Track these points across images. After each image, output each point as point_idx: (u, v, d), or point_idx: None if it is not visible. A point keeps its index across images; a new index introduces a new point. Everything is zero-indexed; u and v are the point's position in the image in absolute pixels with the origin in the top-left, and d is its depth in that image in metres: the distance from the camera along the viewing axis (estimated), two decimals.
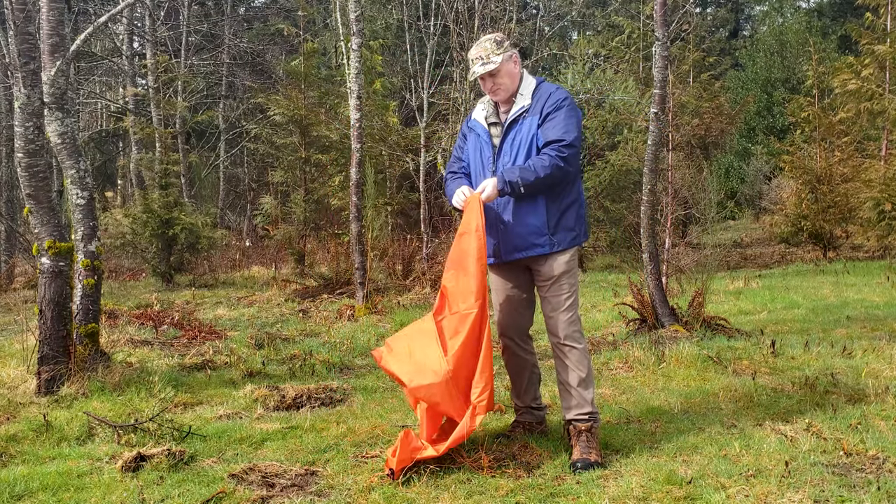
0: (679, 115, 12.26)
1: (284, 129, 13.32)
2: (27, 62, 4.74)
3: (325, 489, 3.24)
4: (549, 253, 3.67)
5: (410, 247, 10.54)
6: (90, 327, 5.05)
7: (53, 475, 3.37)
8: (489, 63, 3.66)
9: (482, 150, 3.78)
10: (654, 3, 6.70)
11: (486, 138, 3.77)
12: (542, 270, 3.72)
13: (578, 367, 3.66)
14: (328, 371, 5.54)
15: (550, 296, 3.71)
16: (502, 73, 3.69)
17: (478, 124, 3.83)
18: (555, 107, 3.65)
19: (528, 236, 3.65)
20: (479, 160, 3.79)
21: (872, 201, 12.28)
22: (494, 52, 3.68)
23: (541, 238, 3.65)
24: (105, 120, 23.82)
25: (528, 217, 3.64)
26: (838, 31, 24.42)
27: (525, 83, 3.77)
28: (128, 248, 12.29)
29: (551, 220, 3.66)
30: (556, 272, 3.69)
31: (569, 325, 3.69)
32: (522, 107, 3.70)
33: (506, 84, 3.71)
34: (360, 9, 8.34)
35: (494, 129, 3.78)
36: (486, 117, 3.81)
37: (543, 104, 3.67)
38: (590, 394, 3.66)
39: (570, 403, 3.66)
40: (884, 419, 3.95)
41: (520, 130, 3.68)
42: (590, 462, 3.41)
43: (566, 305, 3.70)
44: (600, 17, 22.09)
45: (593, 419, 3.62)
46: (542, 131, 3.63)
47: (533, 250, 3.66)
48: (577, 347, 3.68)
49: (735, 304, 8.22)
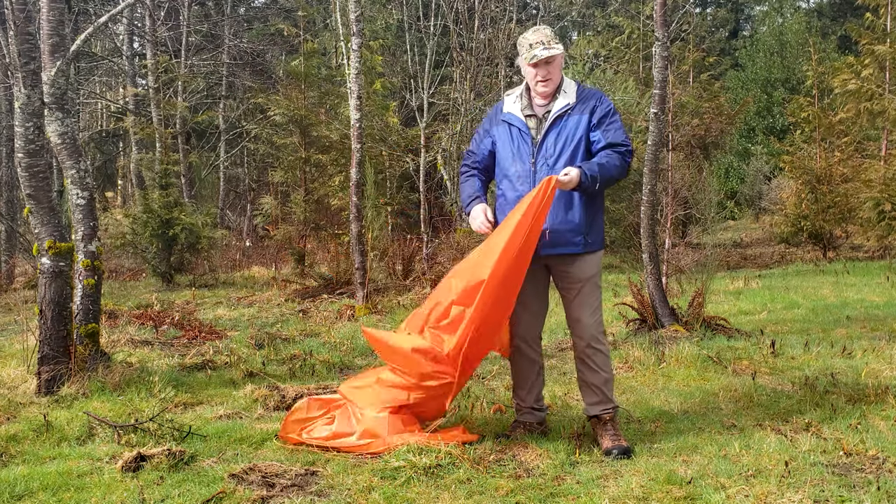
0: (679, 115, 12.27)
1: (284, 130, 13.31)
2: (27, 62, 4.74)
3: (325, 489, 3.24)
4: (582, 253, 3.68)
5: (410, 247, 10.54)
6: (90, 327, 5.05)
7: (53, 475, 3.36)
8: (552, 48, 3.64)
9: (519, 143, 3.74)
10: (654, 4, 6.70)
11: (525, 130, 3.74)
12: (572, 271, 3.72)
13: (603, 369, 3.76)
14: (328, 371, 5.54)
15: (579, 298, 3.72)
16: (558, 62, 3.71)
17: (514, 116, 3.78)
18: (610, 111, 3.69)
19: (566, 233, 3.66)
20: (512, 152, 3.75)
21: (872, 201, 12.27)
22: (554, 40, 3.68)
23: (577, 237, 3.66)
24: (105, 120, 23.83)
25: (568, 214, 3.65)
26: (838, 32, 24.44)
27: (566, 80, 3.78)
28: (128, 248, 12.28)
29: (588, 219, 3.68)
30: (588, 274, 3.71)
31: (596, 328, 3.75)
32: (567, 104, 3.70)
33: (556, 76, 3.71)
34: (360, 9, 8.34)
35: (530, 121, 3.76)
36: (522, 109, 3.78)
37: (593, 106, 3.68)
38: (611, 390, 3.80)
39: (594, 400, 3.78)
40: (884, 419, 3.95)
41: (565, 126, 3.68)
42: (624, 447, 3.57)
43: (594, 308, 3.75)
44: (600, 18, 22.10)
45: (615, 410, 3.79)
46: (601, 134, 3.65)
47: (567, 248, 3.67)
48: (602, 350, 3.78)
49: (735, 304, 8.22)
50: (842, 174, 13.55)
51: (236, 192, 21.63)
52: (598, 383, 3.75)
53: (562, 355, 5.87)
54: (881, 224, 12.21)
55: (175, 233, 11.54)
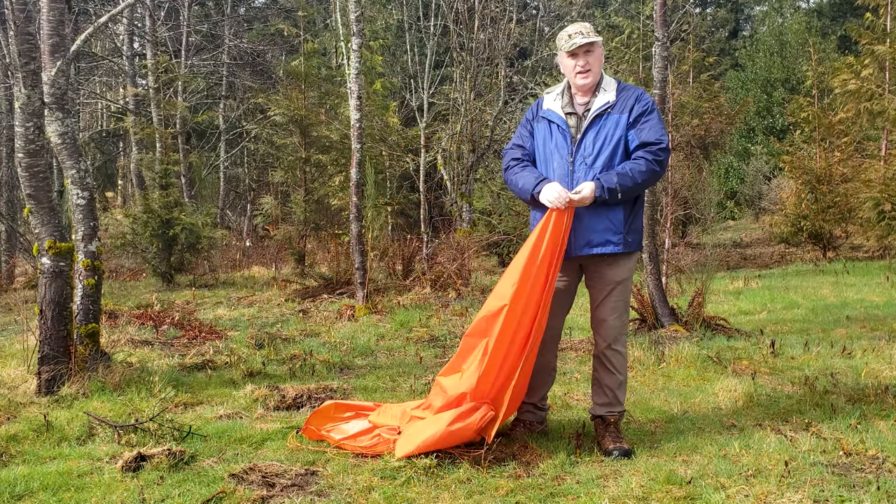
0: (679, 115, 12.27)
1: (284, 130, 13.32)
2: (27, 62, 4.74)
3: (325, 489, 3.24)
4: (620, 253, 3.65)
5: (410, 247, 10.54)
6: (90, 327, 5.05)
7: (54, 475, 3.36)
8: (591, 37, 3.62)
9: (558, 141, 3.71)
10: (654, 4, 6.70)
11: (564, 128, 3.70)
12: (606, 272, 3.69)
13: (619, 371, 3.77)
14: (328, 371, 5.54)
15: (610, 300, 3.70)
16: (598, 52, 3.68)
17: (554, 114, 3.75)
18: (647, 109, 3.64)
19: (604, 232, 3.61)
20: (551, 150, 3.72)
21: (872, 201, 12.28)
22: (593, 32, 3.67)
23: (615, 236, 3.62)
24: (105, 120, 23.83)
25: (607, 213, 3.60)
26: (838, 32, 24.44)
27: (606, 78, 3.75)
28: (128, 248, 12.28)
29: (627, 219, 3.64)
30: (623, 275, 3.69)
31: (620, 330, 3.75)
32: (608, 102, 3.67)
33: (596, 68, 3.68)
34: (360, 9, 8.34)
35: (571, 119, 3.73)
36: (563, 107, 3.76)
37: (632, 104, 3.65)
38: (623, 393, 3.80)
39: (603, 401, 3.78)
40: (884, 419, 3.95)
41: (605, 125, 3.64)
42: (626, 449, 3.57)
43: (622, 310, 3.74)
44: (600, 18, 22.08)
45: (621, 414, 3.78)
46: (636, 133, 3.61)
47: (606, 247, 3.62)
48: (622, 352, 3.78)
49: (735, 304, 8.23)
50: (842, 174, 13.56)
51: (236, 192, 21.63)
52: (612, 385, 3.76)
53: (562, 355, 5.87)
54: (881, 224, 12.21)
55: (175, 233, 11.54)
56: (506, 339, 3.54)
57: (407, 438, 3.53)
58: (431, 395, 3.75)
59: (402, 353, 6.20)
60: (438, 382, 3.70)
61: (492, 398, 3.58)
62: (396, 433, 3.66)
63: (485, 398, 3.56)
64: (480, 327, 3.63)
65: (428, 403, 3.71)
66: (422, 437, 3.46)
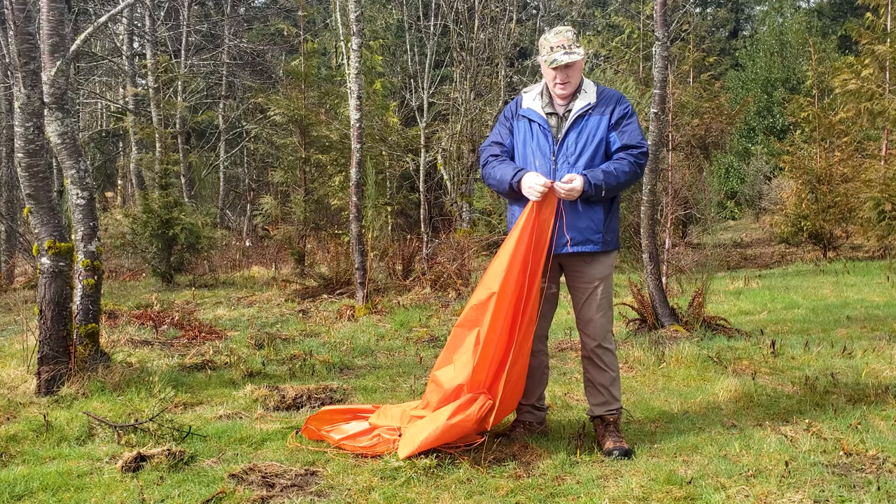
0: (679, 115, 12.27)
1: (284, 129, 13.31)
2: (27, 62, 4.74)
3: (325, 489, 3.24)
4: (599, 252, 3.70)
5: (410, 247, 10.54)
6: (90, 327, 5.05)
7: (53, 475, 3.36)
8: (573, 53, 3.63)
9: (539, 140, 3.73)
10: (654, 3, 6.70)
11: (546, 128, 3.73)
12: (587, 271, 3.73)
13: (611, 368, 3.79)
14: (328, 371, 5.53)
15: (593, 297, 3.73)
16: (578, 66, 3.70)
17: (535, 113, 3.77)
18: (628, 113, 3.71)
19: (584, 231, 3.66)
20: (533, 149, 3.74)
21: (872, 201, 12.28)
22: (575, 44, 3.67)
23: (595, 235, 3.68)
24: (105, 120, 23.83)
25: (588, 212, 3.65)
26: (838, 31, 24.42)
27: (585, 81, 3.78)
28: (128, 248, 12.26)
29: (605, 219, 3.70)
30: (602, 273, 3.73)
31: (607, 327, 3.78)
32: (588, 104, 3.70)
33: (575, 80, 3.71)
34: (360, 9, 8.34)
35: (551, 119, 3.75)
36: (543, 107, 3.77)
37: (613, 107, 3.70)
38: (617, 391, 3.81)
39: (599, 400, 3.79)
40: (884, 419, 3.95)
41: (586, 126, 3.68)
42: (626, 449, 3.58)
43: (607, 307, 3.76)
44: (600, 18, 22.08)
45: (619, 412, 3.80)
46: (618, 135, 3.67)
47: (586, 246, 3.67)
48: (611, 349, 3.80)
49: (735, 304, 8.22)
50: (842, 174, 13.55)
51: (236, 192, 21.63)
52: (605, 383, 3.77)
53: (562, 355, 5.88)
54: (881, 224, 12.21)
55: (175, 233, 11.53)
56: (497, 326, 3.56)
57: (408, 439, 3.53)
58: (427, 392, 3.76)
59: (402, 353, 6.19)
60: (434, 378, 3.72)
61: (488, 387, 3.60)
62: (397, 434, 3.66)
63: (482, 387, 3.58)
64: (471, 317, 3.65)
65: (426, 402, 3.72)
66: (423, 435, 3.47)
